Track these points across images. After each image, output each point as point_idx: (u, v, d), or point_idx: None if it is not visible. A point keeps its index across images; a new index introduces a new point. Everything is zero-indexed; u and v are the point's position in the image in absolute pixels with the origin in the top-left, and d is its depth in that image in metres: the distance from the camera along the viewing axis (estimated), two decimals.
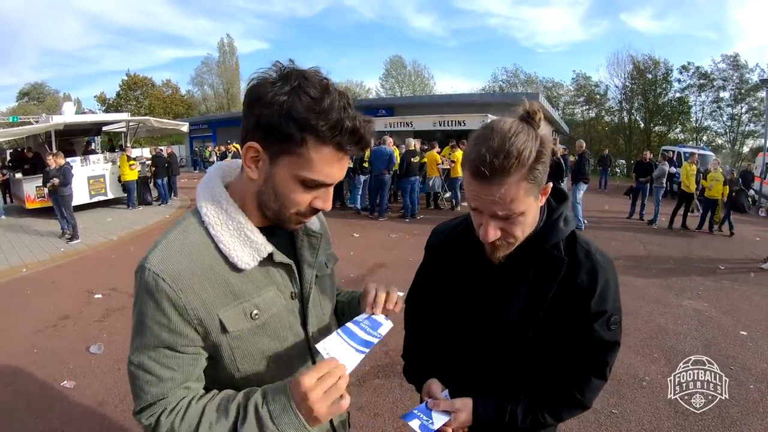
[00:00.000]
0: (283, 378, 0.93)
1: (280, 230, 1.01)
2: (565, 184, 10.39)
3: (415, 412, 1.15)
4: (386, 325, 1.07)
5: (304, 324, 1.05)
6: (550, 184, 1.10)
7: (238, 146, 20.02)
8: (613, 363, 1.17)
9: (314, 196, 0.92)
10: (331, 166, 0.88)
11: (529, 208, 1.03)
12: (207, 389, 0.96)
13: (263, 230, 0.97)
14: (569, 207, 1.21)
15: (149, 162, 14.22)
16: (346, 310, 1.23)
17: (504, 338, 1.15)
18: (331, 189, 0.94)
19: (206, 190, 0.97)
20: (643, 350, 4.32)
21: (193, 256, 0.90)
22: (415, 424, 1.11)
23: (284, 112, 0.82)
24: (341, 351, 0.93)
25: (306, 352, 1.06)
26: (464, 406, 1.16)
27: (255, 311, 0.94)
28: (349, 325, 1.02)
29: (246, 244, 0.93)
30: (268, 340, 0.97)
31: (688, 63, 34.19)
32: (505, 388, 1.18)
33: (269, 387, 0.90)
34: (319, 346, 0.92)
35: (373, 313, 1.06)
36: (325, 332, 1.07)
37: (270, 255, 0.95)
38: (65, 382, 3.78)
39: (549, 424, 1.18)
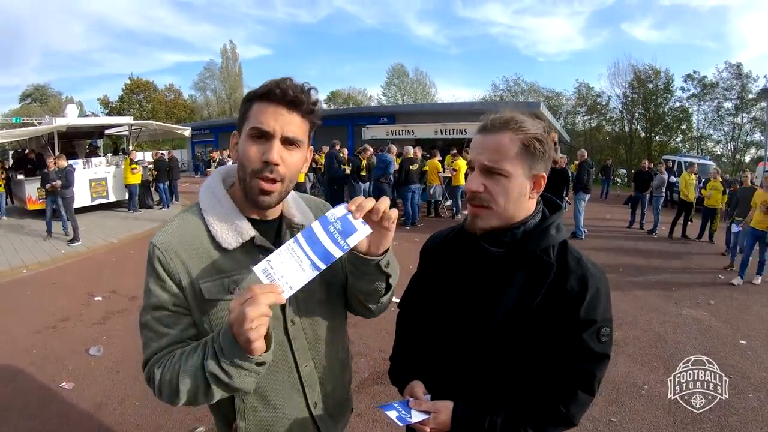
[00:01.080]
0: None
1: (270, 224, 1.17)
2: (567, 195, 10.42)
3: (395, 404, 1.17)
4: (361, 231, 0.96)
5: (282, 308, 1.13)
6: (545, 176, 1.13)
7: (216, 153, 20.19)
8: (602, 377, 1.14)
9: (262, 150, 1.03)
10: (262, 114, 1.02)
11: (514, 175, 1.09)
12: None
13: (255, 222, 1.12)
14: (562, 217, 1.24)
15: (151, 166, 14.26)
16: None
17: (490, 341, 1.13)
18: (276, 142, 1.03)
19: (207, 185, 1.17)
20: (642, 359, 4.31)
21: (186, 233, 1.08)
22: (392, 414, 1.13)
23: (244, 101, 1.08)
24: (285, 269, 0.91)
25: (283, 337, 1.14)
26: (444, 407, 1.16)
27: (233, 286, 1.07)
28: (314, 225, 0.95)
29: (232, 227, 1.08)
30: None
31: (694, 72, 34.20)
32: (488, 393, 1.16)
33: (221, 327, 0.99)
34: (257, 267, 0.91)
35: (350, 213, 0.97)
36: (307, 318, 1.19)
37: (252, 239, 1.09)
38: (64, 383, 3.78)
39: None
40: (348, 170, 11.62)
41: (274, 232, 1.18)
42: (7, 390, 3.70)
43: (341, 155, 12.08)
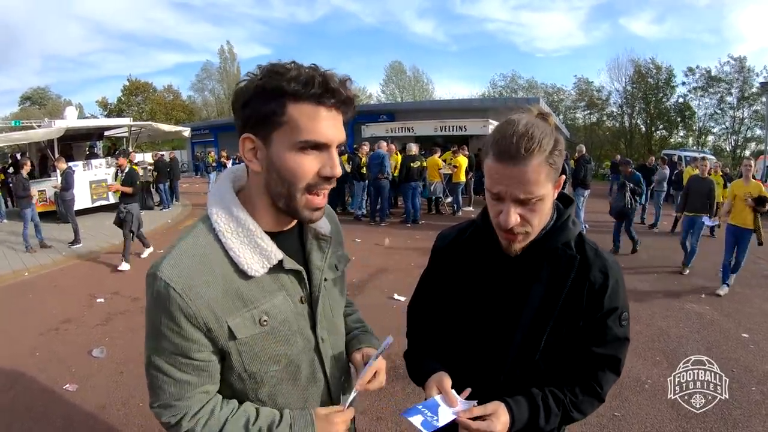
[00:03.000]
0: (291, 380, 1.04)
1: (290, 235, 1.05)
2: (566, 190, 10.40)
3: (419, 407, 1.09)
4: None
5: (314, 327, 1.07)
6: (563, 177, 1.13)
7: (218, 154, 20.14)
8: (625, 358, 1.20)
9: (318, 162, 0.91)
10: (316, 121, 0.88)
11: (547, 195, 1.07)
12: (220, 392, 1.02)
13: (274, 236, 0.98)
14: (574, 210, 1.24)
15: (151, 167, 14.26)
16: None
17: (520, 339, 1.15)
18: (334, 152, 0.93)
19: (217, 197, 0.99)
20: (645, 353, 4.32)
21: (203, 264, 0.91)
22: (416, 420, 1.05)
23: (258, 92, 0.87)
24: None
25: (314, 355, 1.08)
26: (497, 406, 1.11)
27: (264, 317, 0.96)
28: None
29: (256, 251, 0.94)
30: (276, 345, 0.99)
31: (697, 66, 34.06)
32: (521, 390, 1.17)
33: (295, 421, 1.00)
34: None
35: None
36: (333, 333, 1.14)
37: (280, 262, 0.97)
38: (67, 385, 3.79)
39: (575, 418, 1.18)
40: (348, 168, 11.59)
41: (296, 243, 1.07)
42: (10, 393, 3.71)
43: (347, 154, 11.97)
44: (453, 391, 1.15)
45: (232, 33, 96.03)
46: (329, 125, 0.90)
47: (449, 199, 12.77)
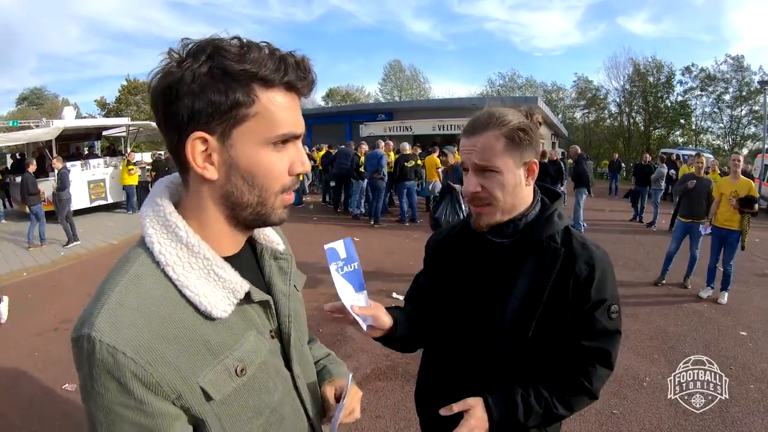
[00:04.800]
0: (276, 430, 0.85)
1: (245, 258, 0.87)
2: (565, 188, 10.43)
3: (339, 246, 1.18)
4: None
5: (288, 363, 0.91)
6: (536, 162, 1.17)
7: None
8: (617, 352, 1.20)
9: (290, 159, 0.78)
10: (289, 111, 0.75)
11: (507, 170, 1.13)
12: None
13: (228, 260, 0.79)
14: (563, 206, 1.27)
15: (149, 167, 14.25)
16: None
17: (505, 332, 1.15)
18: (300, 144, 0.80)
19: (156, 219, 0.76)
20: (643, 351, 4.33)
21: (154, 313, 0.69)
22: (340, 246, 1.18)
23: (217, 78, 0.69)
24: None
25: (294, 394, 0.93)
26: (476, 402, 1.13)
27: (239, 366, 0.76)
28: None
29: (217, 285, 0.75)
30: (257, 395, 0.80)
31: (692, 64, 34.13)
32: (505, 381, 1.17)
33: None
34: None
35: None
36: (305, 365, 0.99)
37: (247, 294, 0.79)
38: (66, 385, 3.79)
39: (561, 415, 1.17)
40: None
41: (253, 268, 0.90)
42: (10, 392, 3.71)
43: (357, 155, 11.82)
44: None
45: (229, 33, 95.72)
46: (298, 112, 0.77)
47: None
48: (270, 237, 0.94)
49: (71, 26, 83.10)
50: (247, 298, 0.80)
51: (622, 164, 23.08)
